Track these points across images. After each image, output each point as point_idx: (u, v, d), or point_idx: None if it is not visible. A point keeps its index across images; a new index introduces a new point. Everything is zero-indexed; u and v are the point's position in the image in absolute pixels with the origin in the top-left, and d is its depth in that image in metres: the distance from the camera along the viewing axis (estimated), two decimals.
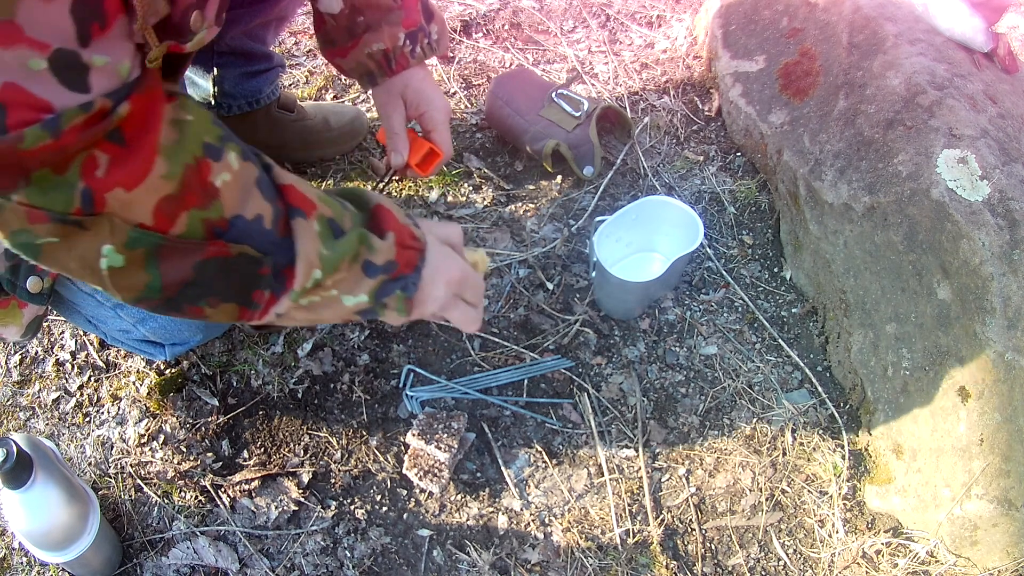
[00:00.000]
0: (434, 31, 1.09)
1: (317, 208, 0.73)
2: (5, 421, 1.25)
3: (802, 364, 1.30)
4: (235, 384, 1.26)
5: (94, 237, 0.61)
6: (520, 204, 1.48)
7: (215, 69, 1.36)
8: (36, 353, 1.31)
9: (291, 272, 0.71)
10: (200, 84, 1.39)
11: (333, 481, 1.18)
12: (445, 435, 1.16)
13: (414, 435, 1.16)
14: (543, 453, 1.20)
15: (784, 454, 1.21)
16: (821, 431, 1.23)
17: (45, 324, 1.31)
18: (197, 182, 0.64)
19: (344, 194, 0.82)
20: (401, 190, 1.50)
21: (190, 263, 0.66)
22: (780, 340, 1.32)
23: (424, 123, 1.14)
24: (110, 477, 1.18)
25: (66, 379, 1.28)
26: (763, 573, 1.12)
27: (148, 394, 1.23)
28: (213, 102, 1.39)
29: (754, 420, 1.24)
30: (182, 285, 0.67)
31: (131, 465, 1.18)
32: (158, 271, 0.65)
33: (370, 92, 1.14)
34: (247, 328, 1.08)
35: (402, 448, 1.20)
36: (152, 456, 1.19)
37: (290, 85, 1.71)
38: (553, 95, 1.49)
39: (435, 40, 1.10)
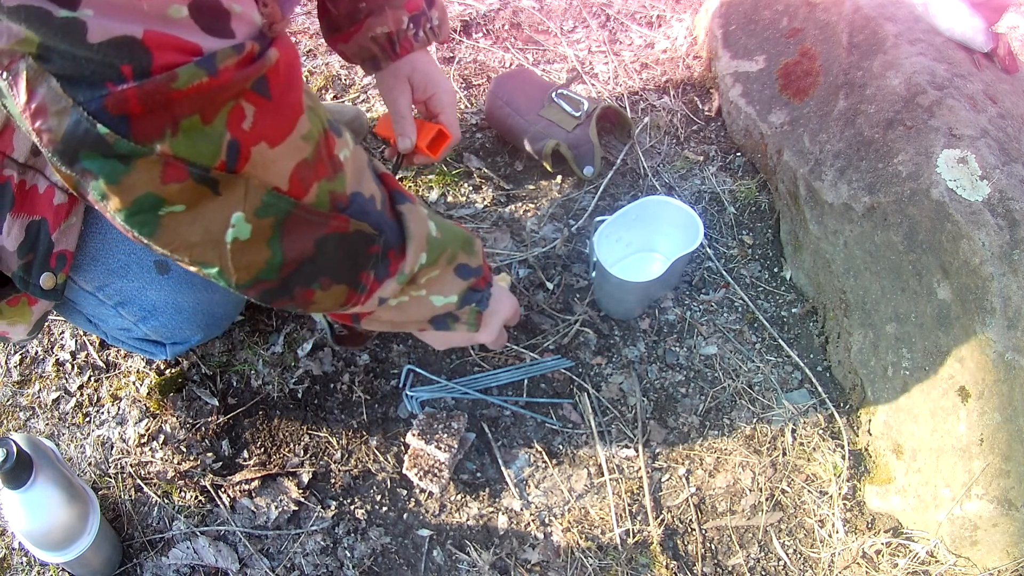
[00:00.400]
0: (435, 16, 1.09)
1: (416, 199, 0.76)
2: (5, 421, 1.25)
3: (802, 364, 1.30)
4: (235, 384, 1.26)
5: (225, 203, 0.59)
6: (520, 204, 1.48)
7: None
8: (36, 353, 1.31)
9: (397, 255, 0.73)
10: None
11: (333, 481, 1.18)
12: (445, 435, 1.16)
13: (414, 435, 1.16)
14: (543, 453, 1.20)
15: (784, 454, 1.21)
16: (821, 431, 1.23)
17: (45, 324, 1.31)
18: (326, 152, 0.64)
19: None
20: None
21: (313, 237, 0.65)
22: (780, 340, 1.32)
23: (432, 106, 1.13)
24: (110, 477, 1.18)
25: (66, 379, 1.28)
26: (763, 573, 1.12)
27: (148, 394, 1.23)
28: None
29: (754, 420, 1.24)
30: (301, 262, 0.66)
31: (131, 465, 1.18)
32: (281, 246, 0.64)
33: (373, 79, 1.16)
34: (329, 342, 1.12)
35: (402, 448, 1.20)
36: (152, 456, 1.19)
37: None
38: (553, 95, 1.49)
39: (436, 25, 1.09)
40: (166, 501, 1.15)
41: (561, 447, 1.21)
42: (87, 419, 1.24)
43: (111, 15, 0.49)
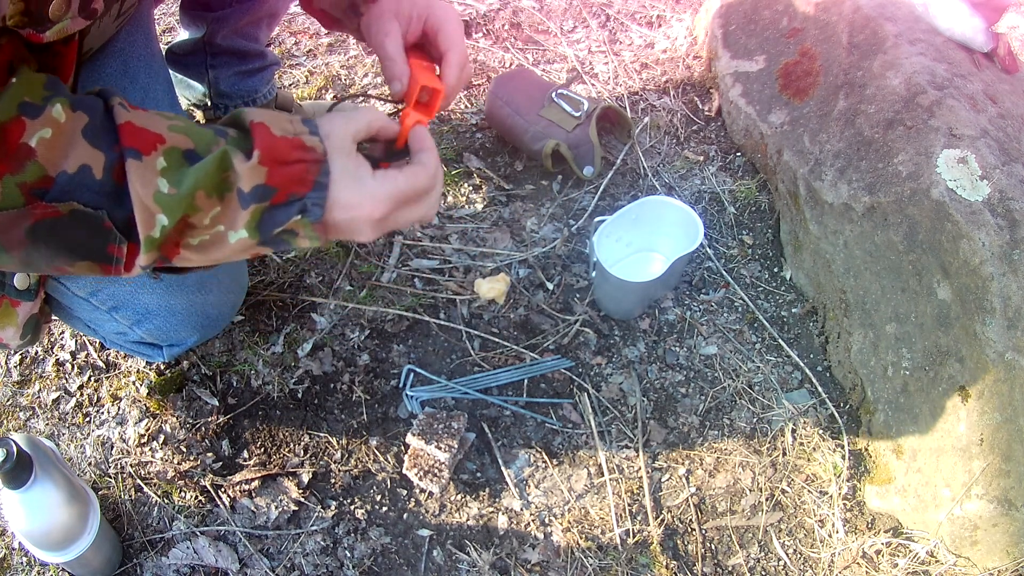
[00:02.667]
0: None
1: (165, 143, 0.64)
2: (5, 421, 1.25)
3: (802, 364, 1.30)
4: (235, 384, 1.26)
5: None
6: (520, 204, 1.48)
7: (209, 70, 1.35)
8: (36, 353, 1.31)
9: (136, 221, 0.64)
10: (195, 86, 1.39)
11: (333, 481, 1.18)
12: (445, 435, 1.16)
13: (414, 435, 1.16)
14: (543, 453, 1.20)
15: (784, 454, 1.21)
16: (821, 431, 1.23)
17: (43, 329, 1.31)
18: (4, 149, 0.59)
19: (228, 120, 0.71)
20: None
21: (20, 229, 0.61)
22: (780, 340, 1.32)
23: (440, 42, 0.90)
24: (110, 477, 1.18)
25: (66, 379, 1.28)
26: (763, 573, 1.12)
27: (148, 394, 1.23)
28: (208, 103, 1.39)
29: (754, 420, 1.24)
30: (23, 249, 0.63)
31: (131, 465, 1.18)
32: None
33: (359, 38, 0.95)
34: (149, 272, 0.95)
35: (402, 448, 1.20)
36: (152, 456, 1.19)
37: (290, 85, 1.71)
38: (553, 95, 1.49)
39: None
40: (166, 501, 1.15)
41: (561, 447, 1.21)
42: (87, 419, 1.24)
43: None
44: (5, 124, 0.58)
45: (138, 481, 1.17)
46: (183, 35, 1.36)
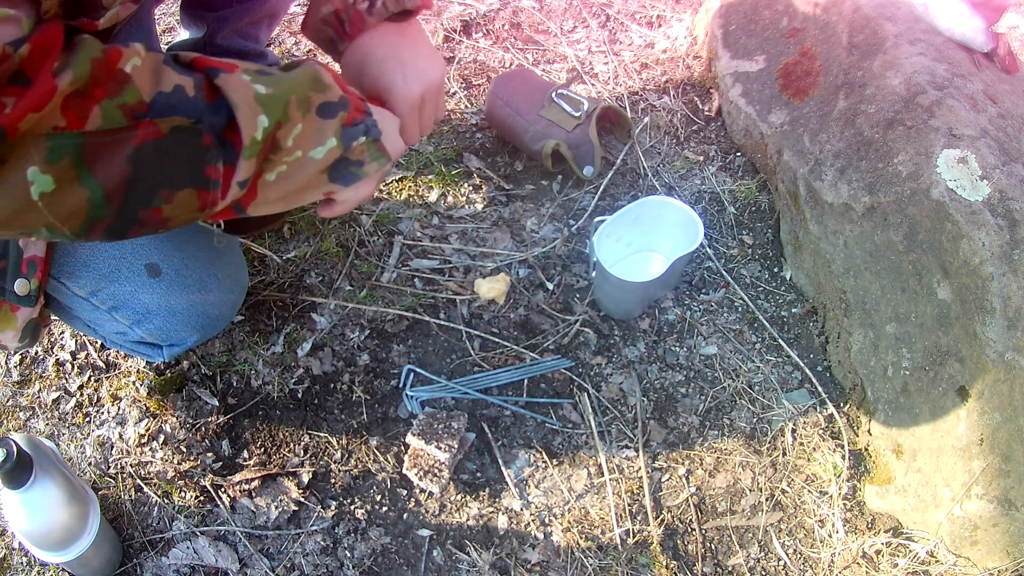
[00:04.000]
0: None
1: (240, 65, 0.69)
2: (5, 421, 1.25)
3: (802, 364, 1.30)
4: (235, 384, 1.26)
5: (14, 166, 0.58)
6: (520, 204, 1.48)
7: None
8: (36, 353, 1.31)
9: (235, 133, 0.66)
10: None
11: (333, 481, 1.18)
12: (445, 435, 1.16)
13: (414, 435, 1.16)
14: (543, 453, 1.20)
15: (784, 454, 1.21)
16: (821, 431, 1.23)
17: (43, 331, 1.31)
18: (104, 74, 0.60)
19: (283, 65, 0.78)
20: (401, 190, 1.50)
21: (123, 156, 0.62)
22: (780, 340, 1.32)
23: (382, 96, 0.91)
24: (110, 477, 1.18)
25: (66, 379, 1.28)
26: (763, 573, 1.12)
27: (148, 394, 1.23)
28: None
29: (754, 420, 1.24)
30: (125, 185, 0.63)
31: (131, 465, 1.18)
32: (94, 178, 0.61)
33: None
34: (237, 238, 0.95)
35: (402, 448, 1.20)
36: (152, 456, 1.19)
37: None
38: (553, 95, 1.49)
39: None
40: (166, 501, 1.15)
41: (561, 447, 1.21)
42: (87, 419, 1.24)
43: None
44: (106, 51, 0.61)
45: (138, 481, 1.17)
46: (183, 35, 1.36)
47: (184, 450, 1.19)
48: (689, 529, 1.15)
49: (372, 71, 0.88)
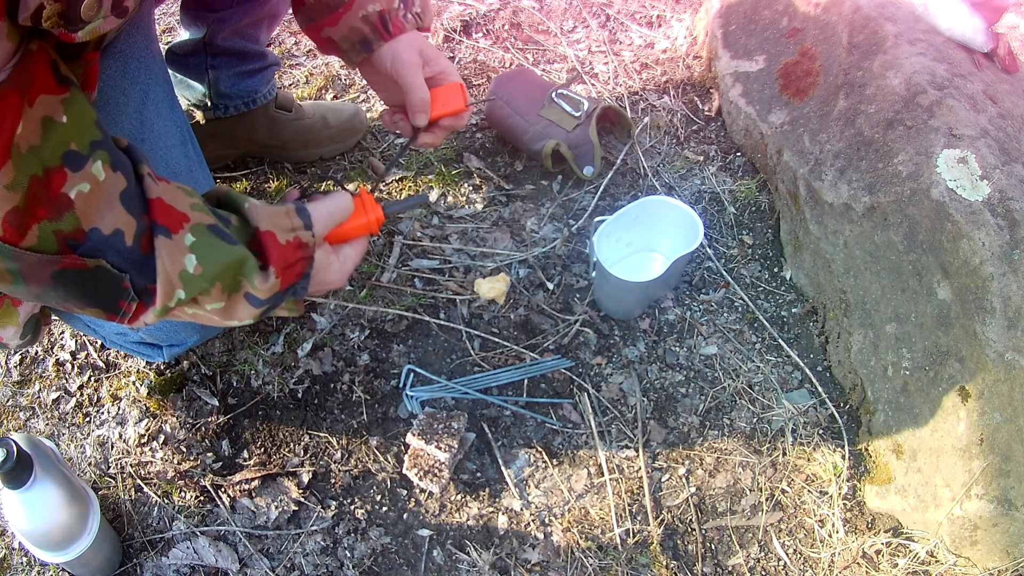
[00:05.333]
0: (418, 1, 1.06)
1: (190, 220, 0.71)
2: (5, 421, 1.25)
3: (802, 364, 1.30)
4: (235, 384, 1.26)
5: None
6: (520, 204, 1.48)
7: (209, 71, 1.35)
8: (36, 353, 1.31)
9: (155, 288, 0.70)
10: (195, 87, 1.39)
11: (333, 481, 1.18)
12: (445, 435, 1.16)
13: (414, 435, 1.16)
14: (543, 453, 1.20)
15: (784, 454, 1.21)
16: (821, 431, 1.23)
17: (43, 329, 1.31)
18: (45, 195, 0.62)
19: (223, 202, 0.79)
20: (401, 190, 1.50)
21: (47, 271, 0.65)
22: (780, 340, 1.32)
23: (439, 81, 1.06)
24: (110, 477, 1.18)
25: (66, 379, 1.28)
26: (763, 573, 1.12)
27: (148, 394, 1.23)
28: (208, 104, 1.39)
29: (754, 420, 1.24)
30: (42, 288, 0.66)
31: (131, 465, 1.18)
32: (19, 272, 0.64)
33: (361, 67, 1.08)
34: None
35: (402, 448, 1.20)
36: (152, 456, 1.19)
37: (290, 85, 1.71)
38: (553, 95, 1.49)
39: (419, 12, 1.06)
40: (166, 501, 1.15)
41: (561, 447, 1.21)
42: (87, 419, 1.24)
43: None
44: (50, 171, 0.61)
45: (138, 481, 1.17)
46: (183, 35, 1.36)
47: (184, 450, 1.19)
48: (689, 529, 1.15)
49: (406, 72, 1.01)
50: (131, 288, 0.69)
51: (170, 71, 1.29)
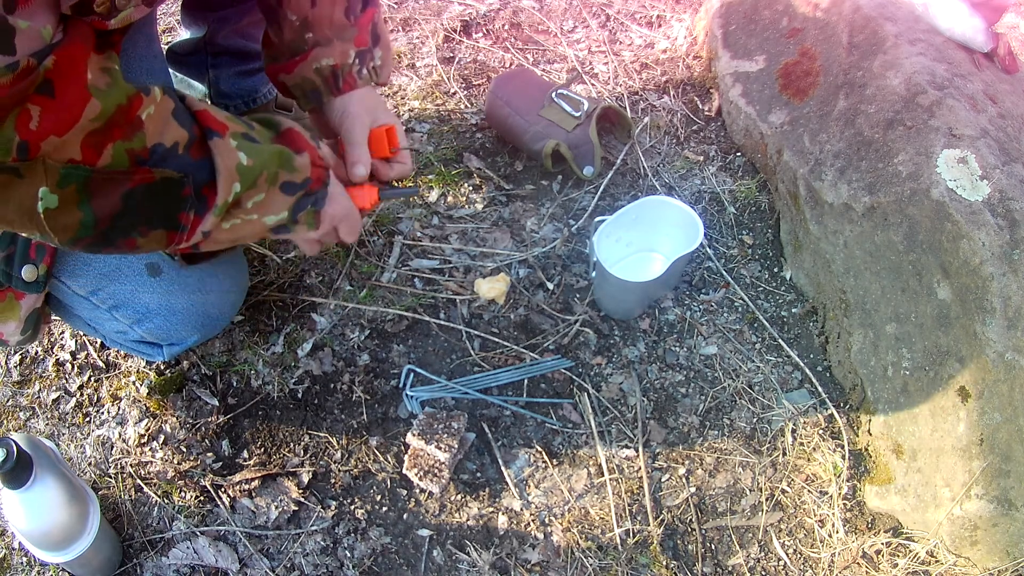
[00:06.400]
0: (378, 56, 1.05)
1: (230, 128, 0.79)
2: (5, 421, 1.25)
3: (802, 364, 1.30)
4: (235, 384, 1.26)
5: (29, 183, 0.66)
6: (520, 204, 1.48)
7: (209, 70, 1.35)
8: (36, 353, 1.31)
9: (211, 190, 0.76)
10: (195, 85, 1.39)
11: (333, 481, 1.18)
12: (445, 435, 1.16)
13: (414, 435, 1.16)
14: (543, 453, 1.20)
15: (784, 454, 1.21)
16: (821, 431, 1.23)
17: (44, 327, 1.31)
18: (124, 118, 0.69)
19: (259, 120, 0.87)
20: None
21: (118, 193, 0.71)
22: (780, 340, 1.32)
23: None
24: (110, 477, 1.18)
25: (66, 379, 1.28)
26: (763, 573, 1.12)
27: (148, 394, 1.23)
28: (209, 103, 1.39)
29: (754, 420, 1.24)
30: (113, 217, 0.72)
31: (131, 465, 1.18)
32: (90, 206, 0.70)
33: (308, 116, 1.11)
34: (176, 258, 1.07)
35: (402, 448, 1.20)
36: (152, 456, 1.19)
37: None
38: (553, 95, 1.49)
39: (378, 66, 1.05)
40: (166, 501, 1.15)
41: (561, 447, 1.21)
42: (87, 419, 1.24)
43: None
44: (131, 97, 0.69)
45: (138, 481, 1.17)
46: (184, 34, 1.36)
47: (184, 450, 1.19)
48: (689, 529, 1.15)
49: (352, 125, 1.03)
50: (191, 194, 0.75)
51: (171, 70, 1.29)
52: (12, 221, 0.69)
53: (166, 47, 1.39)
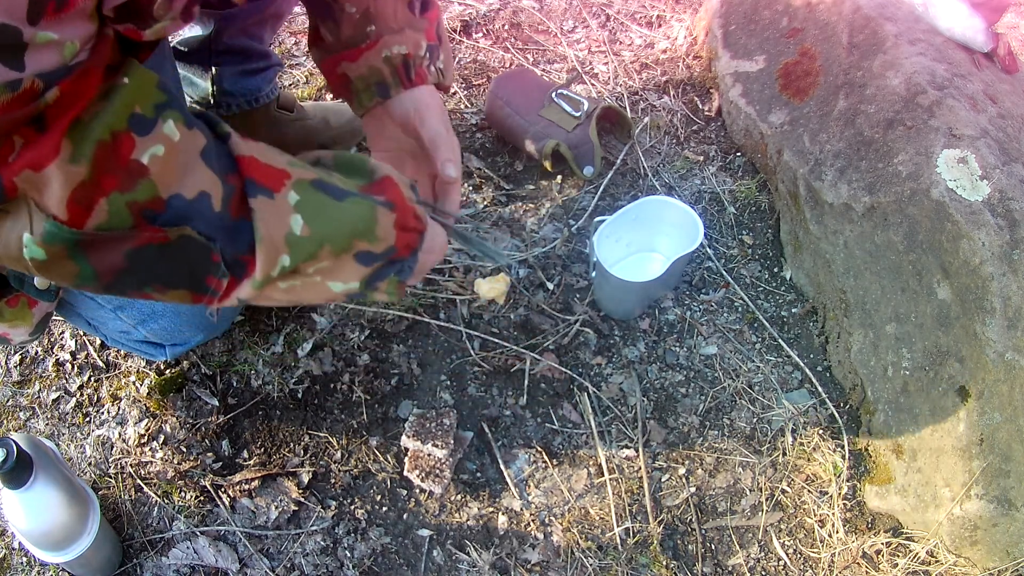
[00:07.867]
0: (442, 57, 0.95)
1: (292, 176, 0.64)
2: (5, 421, 1.25)
3: (802, 364, 1.30)
4: (235, 384, 1.26)
5: (14, 222, 0.55)
6: (520, 204, 1.48)
7: (213, 68, 1.36)
8: (36, 353, 1.31)
9: (251, 259, 0.62)
10: (198, 83, 1.39)
11: (333, 481, 1.18)
12: (439, 432, 1.16)
13: (409, 437, 1.16)
14: (543, 453, 1.20)
15: (784, 454, 1.21)
16: (821, 431, 1.23)
17: (47, 326, 1.31)
18: (114, 162, 0.55)
19: (341, 163, 0.72)
20: None
21: (120, 252, 0.58)
22: (780, 340, 1.32)
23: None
24: (110, 477, 1.18)
25: (66, 379, 1.28)
26: (763, 573, 1.12)
27: (148, 394, 1.23)
28: (212, 101, 1.39)
29: (754, 420, 1.24)
30: (117, 273, 0.60)
31: (131, 465, 1.18)
32: (87, 261, 0.58)
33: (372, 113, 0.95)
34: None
35: (402, 448, 1.20)
36: (152, 456, 1.19)
37: (290, 85, 1.71)
38: (553, 95, 1.49)
39: (443, 68, 0.95)
40: (166, 501, 1.15)
41: (561, 447, 1.21)
42: (87, 419, 1.24)
43: None
44: (118, 134, 0.55)
45: (138, 481, 1.17)
46: (188, 32, 1.36)
47: (184, 450, 1.19)
48: (689, 529, 1.15)
49: (432, 119, 0.90)
50: (221, 261, 0.61)
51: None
52: (3, 260, 0.58)
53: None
